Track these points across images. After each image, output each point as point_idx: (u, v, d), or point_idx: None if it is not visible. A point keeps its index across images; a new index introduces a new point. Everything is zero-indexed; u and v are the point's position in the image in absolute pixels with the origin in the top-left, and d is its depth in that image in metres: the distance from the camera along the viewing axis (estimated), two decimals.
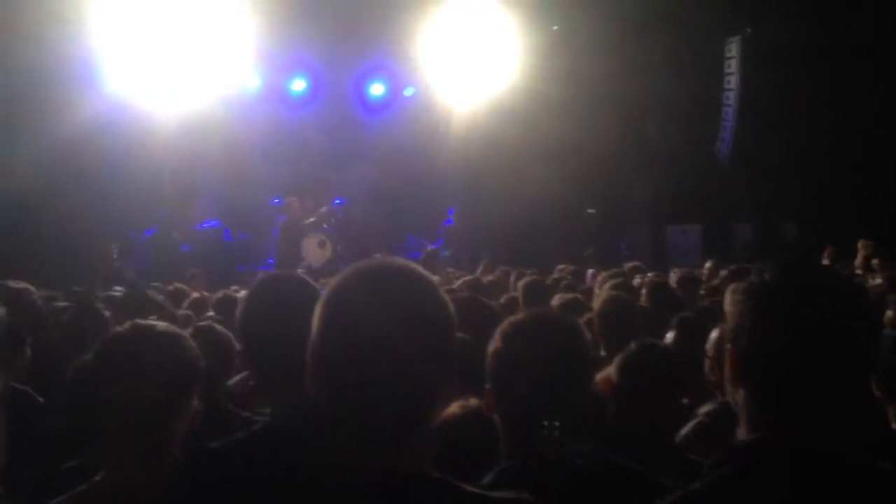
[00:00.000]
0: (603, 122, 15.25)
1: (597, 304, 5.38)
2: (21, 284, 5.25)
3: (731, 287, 2.07)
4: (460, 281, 7.47)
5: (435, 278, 2.04)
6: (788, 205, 15.41)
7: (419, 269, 2.00)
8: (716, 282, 8.52)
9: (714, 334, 4.12)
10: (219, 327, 4.33)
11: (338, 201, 18.06)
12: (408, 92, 17.02)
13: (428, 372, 1.87)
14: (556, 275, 9.38)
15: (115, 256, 13.01)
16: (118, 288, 7.95)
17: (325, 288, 2.01)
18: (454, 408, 2.97)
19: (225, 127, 14.83)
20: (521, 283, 7.29)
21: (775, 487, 1.89)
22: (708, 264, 10.32)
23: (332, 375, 1.87)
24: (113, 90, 13.84)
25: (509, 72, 15.63)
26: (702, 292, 7.84)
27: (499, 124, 15.80)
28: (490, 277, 8.80)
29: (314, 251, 17.04)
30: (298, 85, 17.06)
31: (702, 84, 16.06)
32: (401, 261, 2.02)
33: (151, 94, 14.26)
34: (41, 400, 3.84)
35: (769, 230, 15.42)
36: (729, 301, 2.04)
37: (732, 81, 16.47)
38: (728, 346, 2.09)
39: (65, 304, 5.60)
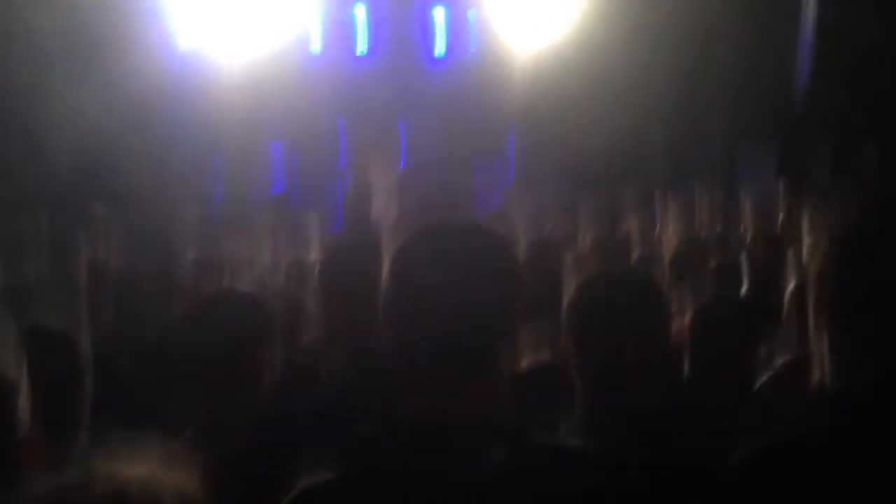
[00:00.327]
0: (672, 47, 14.58)
1: (667, 252, 5.45)
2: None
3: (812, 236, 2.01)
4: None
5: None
6: (873, 127, 14.56)
7: (485, 227, 2.08)
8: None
9: (791, 285, 4.14)
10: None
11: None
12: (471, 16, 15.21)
13: (495, 329, 1.95)
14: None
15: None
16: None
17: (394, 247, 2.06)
18: (525, 361, 3.05)
19: (287, 82, 14.05)
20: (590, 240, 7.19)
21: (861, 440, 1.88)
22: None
23: (402, 334, 1.97)
24: (181, 42, 13.73)
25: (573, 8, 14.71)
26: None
27: (564, 57, 14.98)
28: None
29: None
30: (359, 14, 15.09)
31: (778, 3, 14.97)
32: (465, 221, 2.10)
33: (218, 44, 13.88)
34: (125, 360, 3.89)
35: (849, 153, 14.71)
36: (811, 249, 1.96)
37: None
38: (813, 294, 2.10)
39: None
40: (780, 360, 3.90)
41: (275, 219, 8.52)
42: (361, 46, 15.58)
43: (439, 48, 15.86)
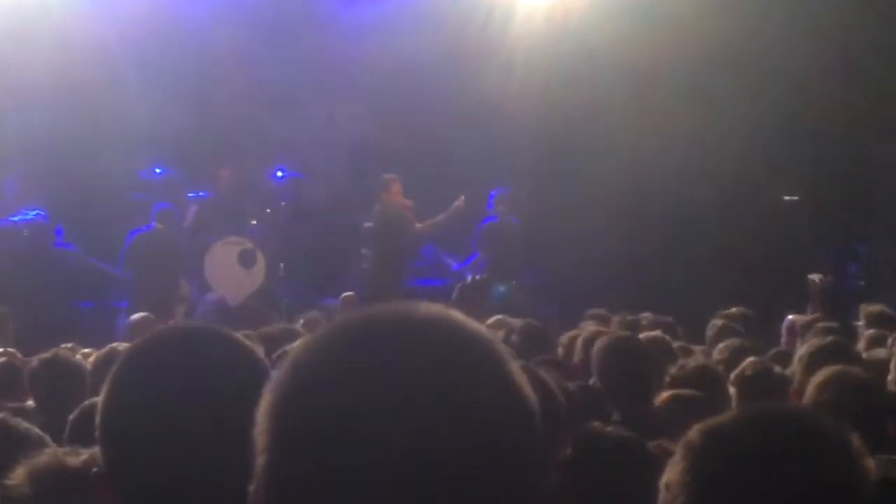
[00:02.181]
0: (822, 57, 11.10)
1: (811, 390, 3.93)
2: None
3: None
4: None
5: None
6: None
7: (465, 323, 1.25)
8: None
9: None
10: None
11: (282, 173, 12.94)
12: None
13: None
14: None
15: None
16: None
17: (279, 362, 1.51)
18: None
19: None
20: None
21: None
22: None
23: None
24: None
25: None
26: None
27: (605, 37, 11.33)
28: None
29: (230, 273, 11.67)
30: None
31: None
32: (425, 309, 1.25)
33: None
34: None
35: None
36: None
37: None
38: None
39: None
40: None
41: None
42: None
43: None
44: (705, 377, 5.06)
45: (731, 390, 5.01)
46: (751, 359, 5.26)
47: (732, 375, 5.00)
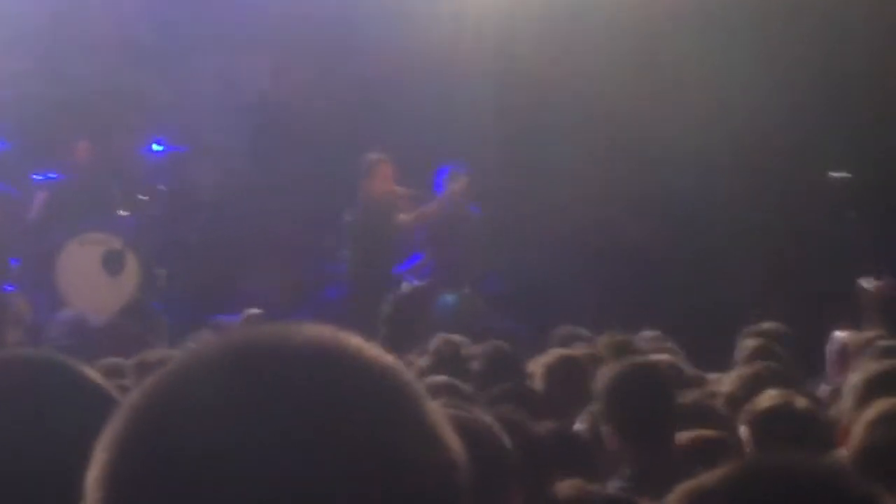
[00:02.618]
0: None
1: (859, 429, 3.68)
2: None
3: None
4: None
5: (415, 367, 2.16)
6: None
7: (362, 350, 1.19)
8: None
9: None
10: None
11: (161, 147, 12.07)
12: None
13: None
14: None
15: None
16: None
17: (128, 395, 1.26)
18: None
19: None
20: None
21: None
22: None
23: None
24: None
25: None
26: None
27: None
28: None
29: (91, 282, 10.96)
30: None
31: None
32: (309, 332, 1.18)
33: None
34: None
35: None
36: None
37: None
38: None
39: None
40: None
41: None
42: None
43: None
44: (705, 417, 4.89)
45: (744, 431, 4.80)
46: (771, 391, 4.93)
47: (743, 412, 4.74)
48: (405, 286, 10.33)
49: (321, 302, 11.07)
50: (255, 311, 9.12)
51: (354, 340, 1.14)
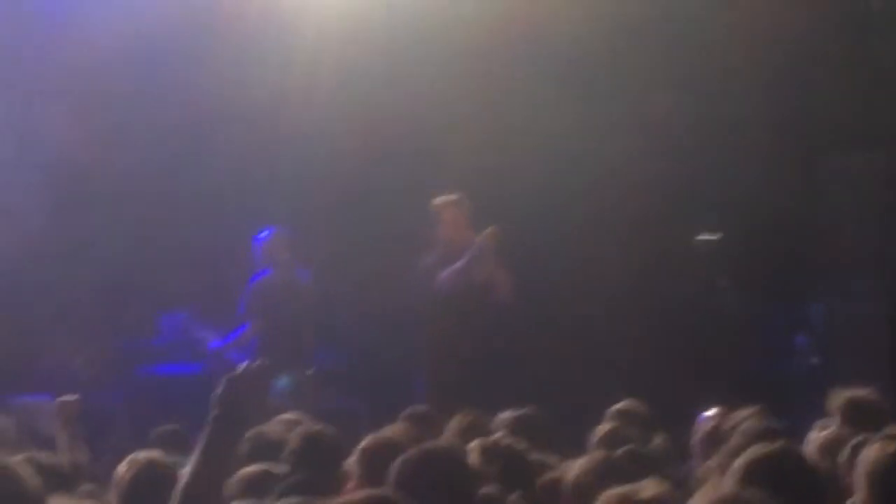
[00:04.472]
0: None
1: None
2: None
3: None
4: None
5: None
6: None
7: None
8: None
9: None
10: None
11: None
12: None
13: None
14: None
15: None
16: None
17: None
18: None
19: None
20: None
21: None
22: None
23: None
24: None
25: None
26: None
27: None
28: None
29: None
30: None
31: None
32: None
33: None
34: None
35: None
36: None
37: None
38: None
39: None
40: None
41: None
42: None
43: None
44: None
45: None
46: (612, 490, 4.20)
47: None
48: (240, 366, 8.86)
49: (134, 379, 10.04)
50: (71, 399, 8.11)
51: None
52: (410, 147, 10.41)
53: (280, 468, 5.27)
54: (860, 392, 6.18)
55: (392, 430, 5.99)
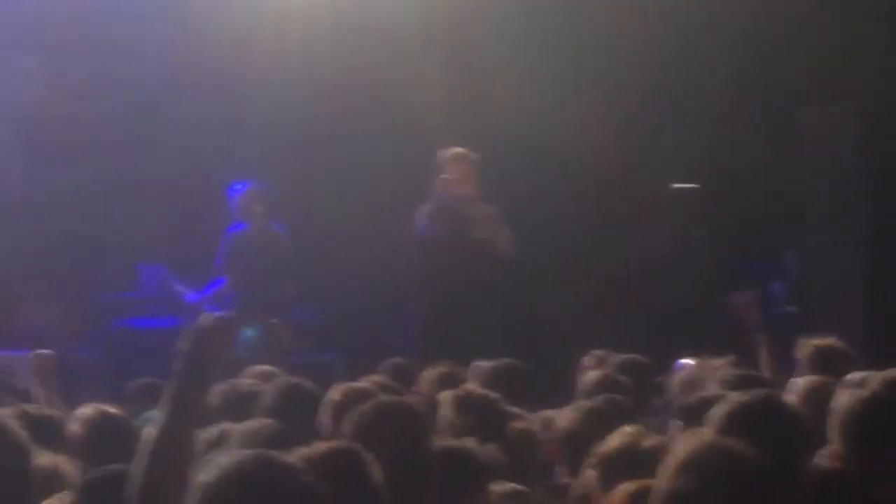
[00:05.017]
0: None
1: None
2: None
3: None
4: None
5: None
6: None
7: None
8: None
9: None
10: None
11: None
12: None
13: None
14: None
15: None
16: None
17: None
18: None
19: None
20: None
21: None
22: None
23: None
24: None
25: None
26: None
27: None
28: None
29: None
30: None
31: None
32: None
33: None
34: None
35: None
36: None
37: None
38: None
39: None
40: None
41: None
42: None
43: None
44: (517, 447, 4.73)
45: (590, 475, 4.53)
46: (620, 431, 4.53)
47: (591, 455, 4.41)
48: (204, 317, 8.94)
49: (111, 332, 9.95)
50: (46, 353, 8.13)
51: None
52: (384, 96, 10.22)
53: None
54: (827, 340, 6.22)
55: (364, 382, 5.76)
